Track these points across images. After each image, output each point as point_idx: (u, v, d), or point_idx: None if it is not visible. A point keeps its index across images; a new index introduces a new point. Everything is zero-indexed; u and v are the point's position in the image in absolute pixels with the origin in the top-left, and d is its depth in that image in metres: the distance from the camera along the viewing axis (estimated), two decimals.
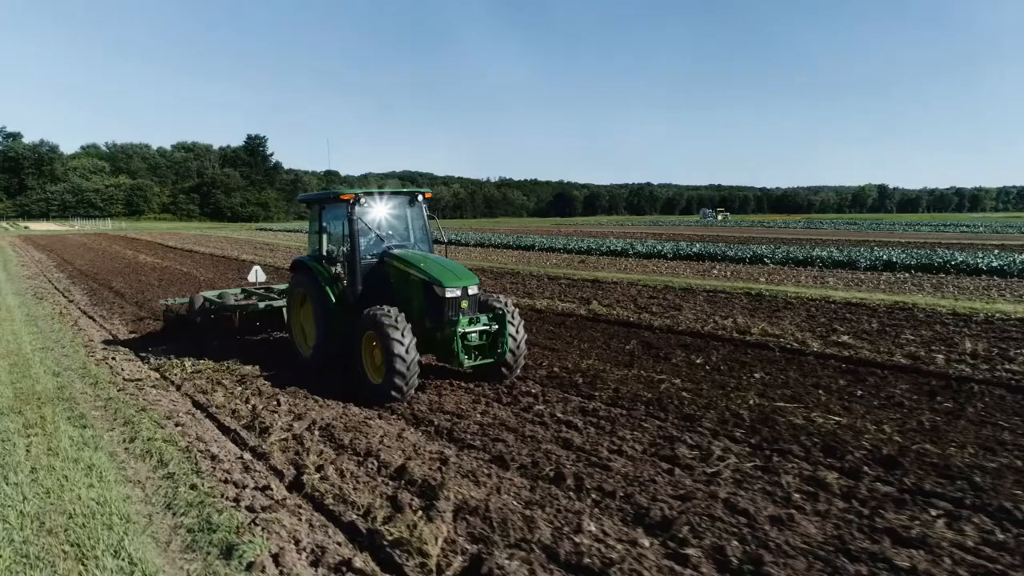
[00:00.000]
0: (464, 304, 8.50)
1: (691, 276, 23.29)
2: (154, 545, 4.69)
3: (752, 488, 5.63)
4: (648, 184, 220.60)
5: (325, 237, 10.00)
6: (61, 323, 14.31)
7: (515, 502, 5.38)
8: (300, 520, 5.10)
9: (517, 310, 9.12)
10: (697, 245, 35.91)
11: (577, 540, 4.70)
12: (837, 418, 7.43)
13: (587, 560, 4.42)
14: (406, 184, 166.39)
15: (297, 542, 4.73)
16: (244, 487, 5.67)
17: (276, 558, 4.47)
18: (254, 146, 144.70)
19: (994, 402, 8.06)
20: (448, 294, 8.36)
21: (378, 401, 8.14)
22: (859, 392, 8.56)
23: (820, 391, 8.64)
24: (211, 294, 13.04)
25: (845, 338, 11.72)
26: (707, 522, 5.00)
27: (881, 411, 7.76)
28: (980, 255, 27.07)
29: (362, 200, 9.48)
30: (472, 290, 8.59)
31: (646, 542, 4.76)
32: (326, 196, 10.08)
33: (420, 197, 10.25)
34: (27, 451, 6.44)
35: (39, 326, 13.87)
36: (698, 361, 10.38)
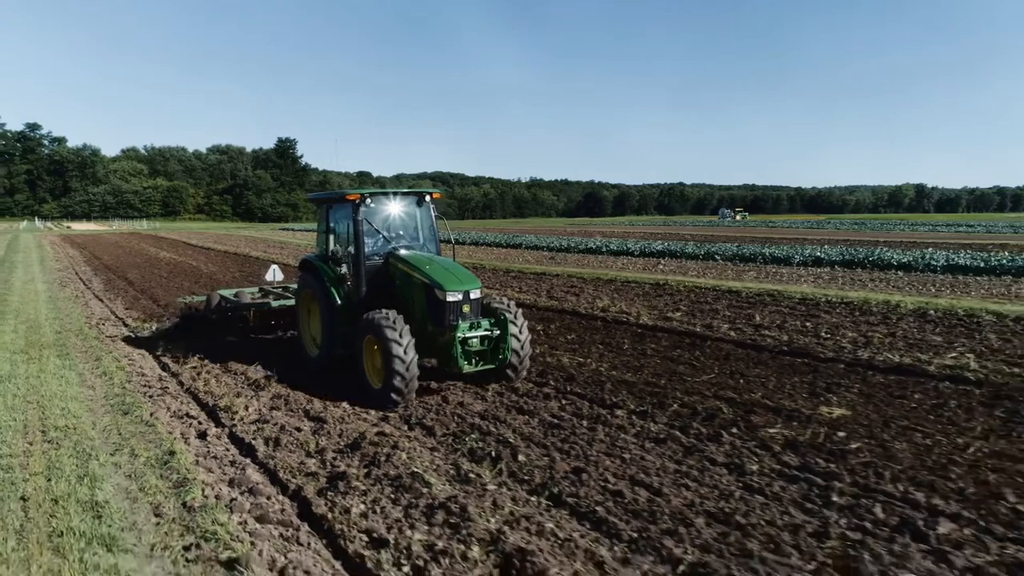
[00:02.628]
0: (466, 308, 8.44)
1: (633, 271, 26.14)
2: (85, 409, 8.06)
3: (467, 391, 8.81)
4: (680, 184, 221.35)
5: (332, 237, 9.98)
6: (74, 303, 17.97)
7: (309, 393, 8.67)
8: (177, 400, 8.45)
9: (521, 313, 9.12)
10: (665, 244, 38.70)
11: (329, 409, 7.96)
12: (581, 359, 10.55)
13: (324, 415, 7.68)
14: (437, 184, 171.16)
15: (168, 408, 8.07)
16: (152, 387, 9.05)
17: (152, 415, 7.78)
18: (284, 148, 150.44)
19: (713, 352, 11.07)
20: (449, 298, 8.29)
21: (378, 405, 8.16)
22: (625, 346, 11.63)
23: (600, 345, 11.72)
24: (228, 292, 13.52)
25: (677, 315, 14.68)
26: (417, 403, 8.21)
27: (619, 356, 10.83)
28: (901, 253, 29.50)
29: (368, 201, 9.44)
30: (474, 294, 8.54)
31: (372, 415, 8.00)
32: (333, 196, 10.10)
33: (428, 197, 10.11)
34: (25, 369, 9.93)
35: (57, 305, 17.54)
36: (538, 328, 13.49)
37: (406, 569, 4.44)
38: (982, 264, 23.96)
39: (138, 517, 5.14)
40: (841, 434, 6.93)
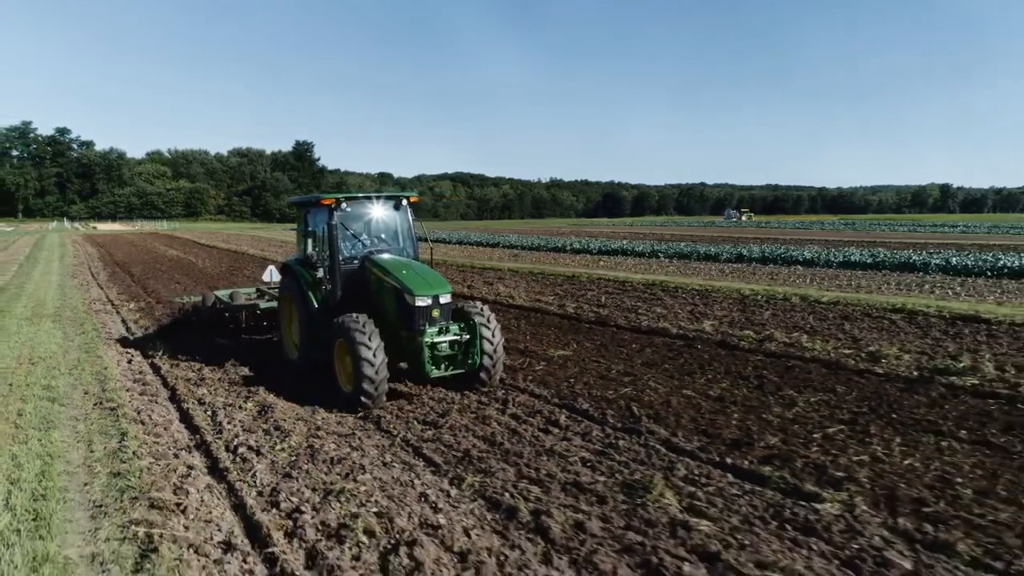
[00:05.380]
0: (435, 312, 8.48)
1: (572, 266, 29.50)
2: (62, 350, 11.88)
3: None
4: (701, 184, 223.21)
5: (310, 241, 10.21)
6: (78, 289, 22.02)
7: (220, 347, 12.46)
8: (125, 349, 12.28)
9: (495, 318, 9.20)
10: (621, 243, 42.10)
11: (222, 349, 11.72)
12: None
13: (214, 352, 11.44)
14: (456, 185, 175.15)
15: (116, 350, 11.89)
16: (112, 339, 12.91)
17: (104, 352, 11.60)
18: (302, 151, 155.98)
19: (537, 320, 14.66)
20: (418, 302, 8.35)
21: (349, 409, 8.28)
22: None
23: None
24: (223, 293, 14.03)
25: (549, 298, 18.22)
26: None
27: None
28: (811, 251, 32.69)
29: (344, 205, 9.56)
30: (444, 298, 8.57)
31: (256, 350, 11.74)
32: (310, 200, 10.25)
33: (405, 201, 10.27)
34: (27, 329, 13.87)
35: (64, 291, 21.60)
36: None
37: (208, 413, 8.15)
38: (870, 260, 27.12)
39: (74, 393, 8.94)
40: (543, 363, 10.53)
